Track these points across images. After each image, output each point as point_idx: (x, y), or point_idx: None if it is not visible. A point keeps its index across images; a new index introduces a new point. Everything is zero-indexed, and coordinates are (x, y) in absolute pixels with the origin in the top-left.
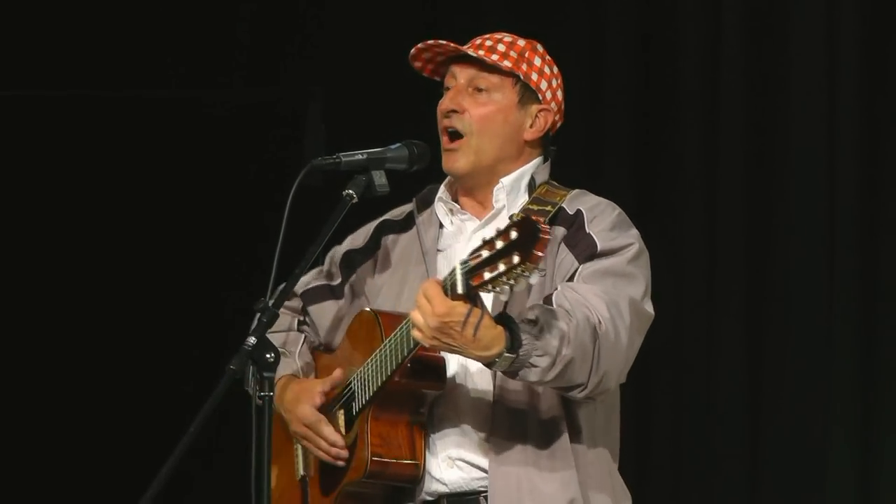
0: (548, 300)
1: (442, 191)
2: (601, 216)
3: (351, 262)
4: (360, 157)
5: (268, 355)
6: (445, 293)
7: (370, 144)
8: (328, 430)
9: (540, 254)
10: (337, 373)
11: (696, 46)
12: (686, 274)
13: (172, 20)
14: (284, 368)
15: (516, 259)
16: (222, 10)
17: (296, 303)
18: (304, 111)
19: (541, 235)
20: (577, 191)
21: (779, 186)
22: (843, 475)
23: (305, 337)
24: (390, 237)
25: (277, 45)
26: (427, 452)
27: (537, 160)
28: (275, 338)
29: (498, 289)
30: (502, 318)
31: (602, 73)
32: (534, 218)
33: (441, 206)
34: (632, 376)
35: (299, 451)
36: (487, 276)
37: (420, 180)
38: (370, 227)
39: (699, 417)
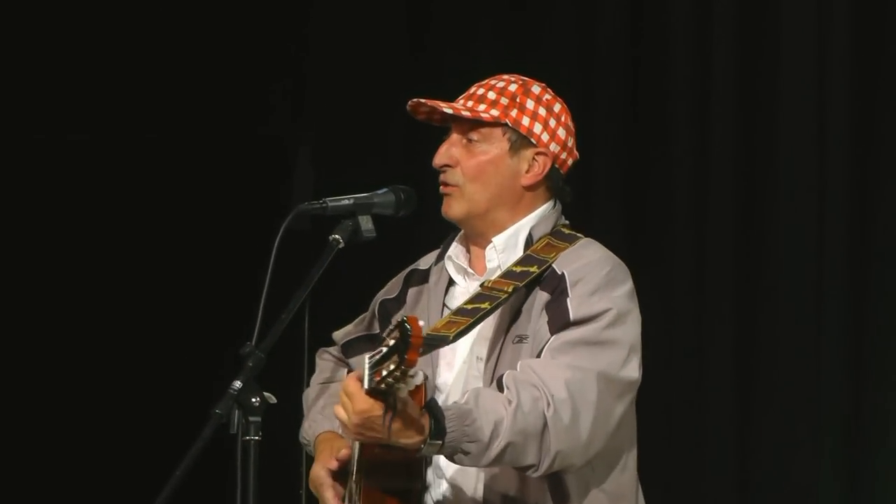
0: (499, 381)
1: (455, 245)
2: (586, 279)
3: (386, 311)
4: (347, 202)
5: (253, 399)
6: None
7: (359, 187)
8: (328, 495)
9: (411, 359)
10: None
11: (686, 53)
12: (676, 280)
13: (162, 55)
14: (326, 423)
15: (395, 362)
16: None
17: (340, 353)
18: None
19: (411, 340)
20: (582, 242)
21: (768, 190)
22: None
23: None
24: (414, 289)
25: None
26: None
27: (542, 208)
28: (330, 387)
29: (396, 386)
30: (428, 407)
31: (592, 80)
32: (409, 319)
33: (451, 263)
34: None
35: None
36: (384, 373)
37: (406, 225)
38: (402, 275)
39: (688, 429)
